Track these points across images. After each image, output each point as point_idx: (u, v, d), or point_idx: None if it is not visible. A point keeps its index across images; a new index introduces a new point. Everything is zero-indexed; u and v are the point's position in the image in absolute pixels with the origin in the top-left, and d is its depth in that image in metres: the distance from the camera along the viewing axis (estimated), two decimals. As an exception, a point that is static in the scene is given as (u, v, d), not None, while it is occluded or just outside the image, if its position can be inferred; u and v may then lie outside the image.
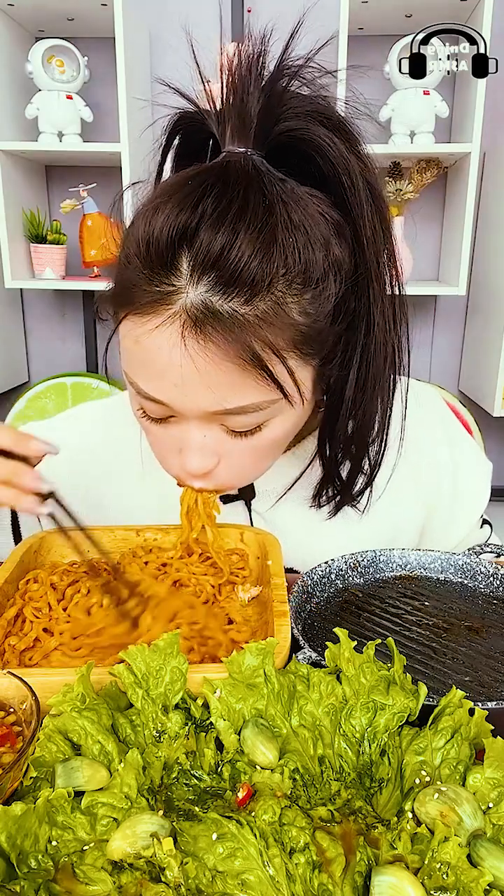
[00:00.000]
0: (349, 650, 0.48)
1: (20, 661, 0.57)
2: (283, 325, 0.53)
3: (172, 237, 0.50)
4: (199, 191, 0.51)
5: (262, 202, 0.51)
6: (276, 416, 0.58)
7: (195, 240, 0.50)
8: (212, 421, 0.57)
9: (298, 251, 0.52)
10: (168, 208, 0.51)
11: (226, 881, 0.36)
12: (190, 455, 0.59)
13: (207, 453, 0.59)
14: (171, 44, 2.02)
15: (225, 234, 0.49)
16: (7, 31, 1.91)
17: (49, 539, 0.71)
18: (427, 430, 0.81)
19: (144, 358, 0.55)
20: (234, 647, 0.57)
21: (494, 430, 2.23)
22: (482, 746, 0.42)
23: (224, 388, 0.54)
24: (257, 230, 0.50)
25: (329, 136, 0.55)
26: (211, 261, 0.50)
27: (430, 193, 2.08)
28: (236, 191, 0.51)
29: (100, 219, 2.01)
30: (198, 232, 0.50)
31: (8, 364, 2.22)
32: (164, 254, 0.51)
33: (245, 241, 0.49)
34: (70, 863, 0.38)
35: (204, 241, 0.50)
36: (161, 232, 0.51)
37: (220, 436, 0.59)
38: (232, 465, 0.61)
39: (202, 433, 0.58)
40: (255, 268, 0.50)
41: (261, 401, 0.55)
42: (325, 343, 0.58)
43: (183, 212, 0.50)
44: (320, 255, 0.54)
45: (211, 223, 0.50)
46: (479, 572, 0.70)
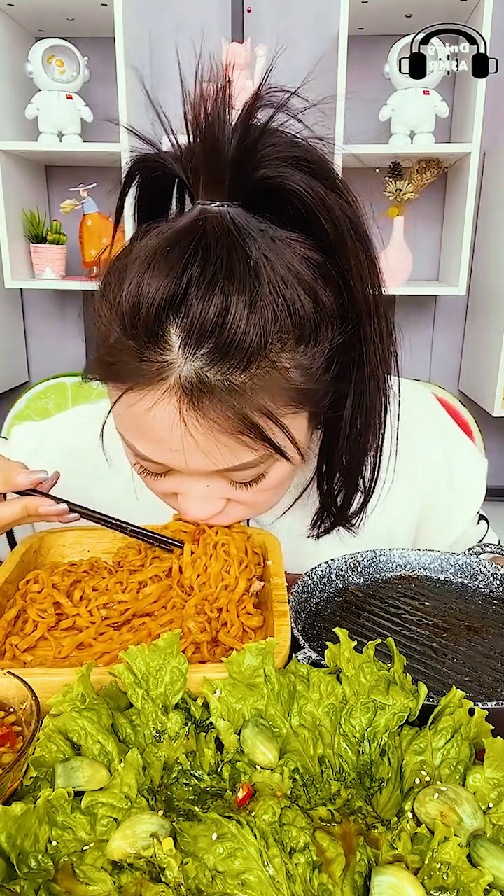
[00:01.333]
0: (349, 650, 0.48)
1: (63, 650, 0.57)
2: (278, 387, 0.52)
3: (159, 307, 0.48)
4: (182, 258, 0.48)
5: (247, 264, 0.49)
6: (279, 462, 0.58)
7: (184, 309, 0.48)
8: (213, 475, 0.58)
9: (288, 308, 0.51)
10: (151, 277, 0.49)
11: (226, 881, 0.36)
12: (192, 504, 0.60)
13: (211, 500, 0.60)
14: (172, 43, 2.02)
15: (215, 303, 0.47)
16: (7, 31, 1.91)
17: (49, 539, 0.71)
18: (420, 430, 0.81)
19: (142, 427, 0.55)
20: (243, 634, 0.58)
21: (494, 430, 2.23)
22: (482, 746, 0.42)
23: (222, 453, 0.54)
24: (247, 296, 0.48)
25: (306, 180, 0.53)
26: (206, 331, 0.48)
27: (430, 193, 2.08)
28: (220, 255, 0.49)
29: (100, 219, 2.01)
30: (186, 301, 0.48)
31: (8, 364, 2.22)
32: (151, 326, 0.49)
33: (237, 310, 0.48)
34: (70, 863, 0.38)
35: (195, 313, 0.48)
36: (146, 303, 0.49)
37: (224, 486, 0.59)
38: (241, 506, 0.62)
39: (204, 484, 0.59)
40: (250, 334, 0.48)
41: (260, 457, 0.56)
42: (319, 395, 0.57)
43: (168, 281, 0.48)
44: (310, 307, 0.52)
45: (199, 293, 0.48)
46: (479, 572, 0.70)
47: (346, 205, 0.55)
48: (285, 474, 0.61)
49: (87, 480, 0.81)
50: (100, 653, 0.57)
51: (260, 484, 0.59)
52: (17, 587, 0.64)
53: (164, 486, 0.61)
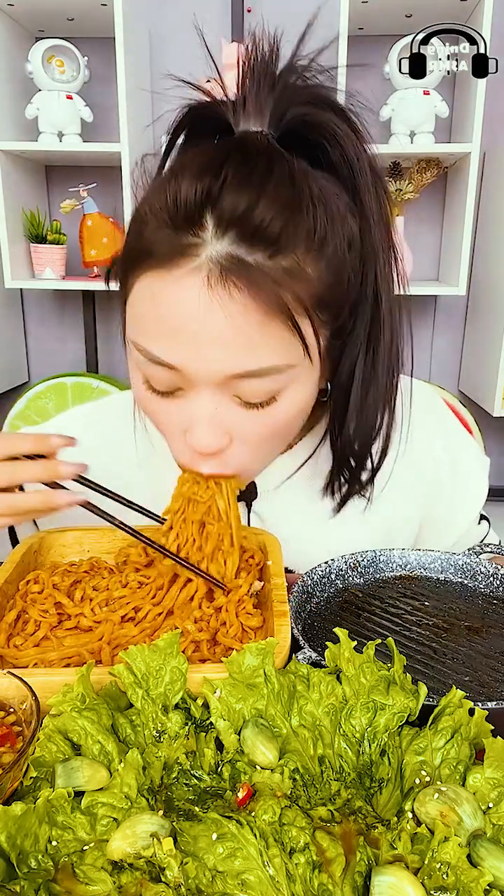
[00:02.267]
0: (349, 650, 0.48)
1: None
2: (304, 284, 0.54)
3: (199, 195, 0.51)
4: (223, 155, 0.53)
5: (285, 170, 0.53)
6: (290, 387, 0.57)
7: (220, 200, 0.51)
8: (224, 390, 0.56)
9: (318, 219, 0.54)
10: (191, 172, 0.52)
11: (226, 881, 0.36)
12: (199, 430, 0.57)
13: (218, 429, 0.57)
14: (172, 43, 2.02)
15: (250, 192, 0.51)
16: (7, 31, 1.91)
17: (49, 539, 0.71)
18: (424, 428, 0.81)
19: (161, 315, 0.54)
20: (243, 634, 0.58)
21: (494, 430, 2.23)
22: (482, 746, 0.42)
23: (245, 343, 0.53)
24: (283, 192, 0.52)
25: (337, 121, 0.58)
26: (237, 216, 0.51)
27: (430, 193, 2.08)
28: (260, 159, 0.53)
29: (100, 219, 2.01)
30: (222, 193, 0.51)
31: (8, 364, 2.22)
32: (189, 210, 0.52)
33: (269, 201, 0.51)
34: (70, 863, 0.38)
35: (229, 199, 0.51)
36: (187, 191, 0.52)
37: (232, 409, 0.57)
38: (245, 445, 0.59)
39: (213, 404, 0.56)
40: (278, 225, 0.51)
41: (278, 363, 0.55)
42: (340, 311, 0.59)
43: (207, 173, 0.51)
44: (338, 226, 0.56)
45: (237, 183, 0.51)
46: (479, 572, 0.70)
47: (369, 157, 0.60)
48: (294, 408, 0.59)
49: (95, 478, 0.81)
50: (107, 639, 0.57)
51: (269, 410, 0.58)
52: (17, 587, 0.64)
53: (169, 412, 0.59)
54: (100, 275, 2.06)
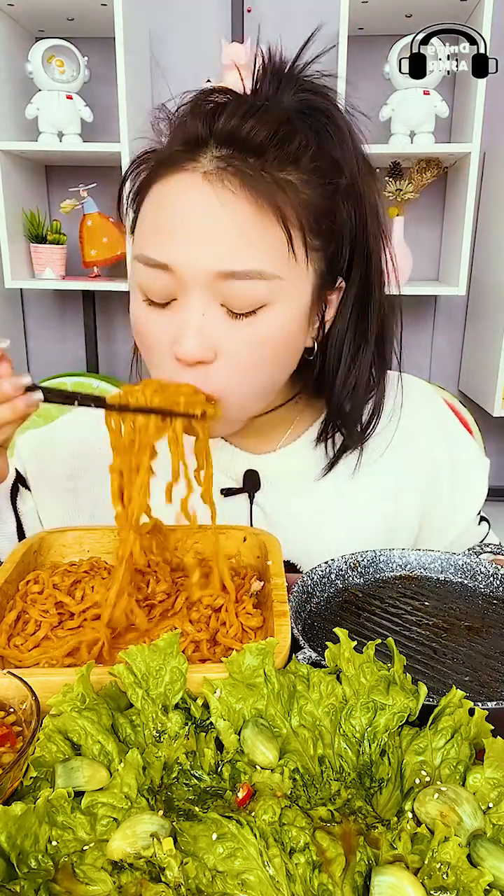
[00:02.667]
0: (349, 650, 0.48)
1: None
2: (296, 198, 0.60)
3: (203, 123, 0.59)
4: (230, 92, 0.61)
5: (278, 108, 0.61)
6: (275, 304, 0.60)
7: (218, 122, 0.59)
8: (212, 296, 0.59)
9: (309, 148, 0.61)
10: (198, 109, 0.61)
11: (226, 881, 0.36)
12: (186, 337, 0.60)
13: (204, 338, 0.60)
14: (172, 43, 2.02)
15: (242, 115, 0.58)
16: (7, 31, 1.91)
17: (49, 539, 0.71)
18: (424, 427, 0.81)
19: (163, 216, 0.60)
20: (243, 634, 0.58)
21: (494, 430, 2.23)
22: (482, 746, 0.42)
23: (236, 240, 0.58)
24: (272, 118, 0.59)
25: (334, 112, 0.65)
26: (228, 131, 0.59)
27: (430, 193, 2.08)
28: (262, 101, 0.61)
29: (100, 219, 2.01)
30: (222, 116, 0.59)
31: (8, 364, 2.22)
32: (194, 136, 0.60)
33: (258, 121, 0.58)
34: (70, 863, 0.38)
35: (224, 121, 0.59)
36: (192, 125, 0.60)
37: (219, 319, 0.60)
38: (229, 364, 0.61)
39: (201, 311, 0.60)
40: (263, 137, 0.58)
41: (265, 269, 0.59)
42: (330, 241, 0.64)
43: (210, 109, 0.60)
44: (328, 165, 0.62)
45: (232, 109, 0.59)
46: (479, 572, 0.70)
47: (361, 151, 0.66)
48: (280, 327, 0.62)
49: (98, 477, 0.81)
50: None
51: (255, 325, 0.60)
52: (17, 587, 0.64)
53: (161, 325, 0.62)
54: (100, 275, 2.06)
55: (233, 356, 0.61)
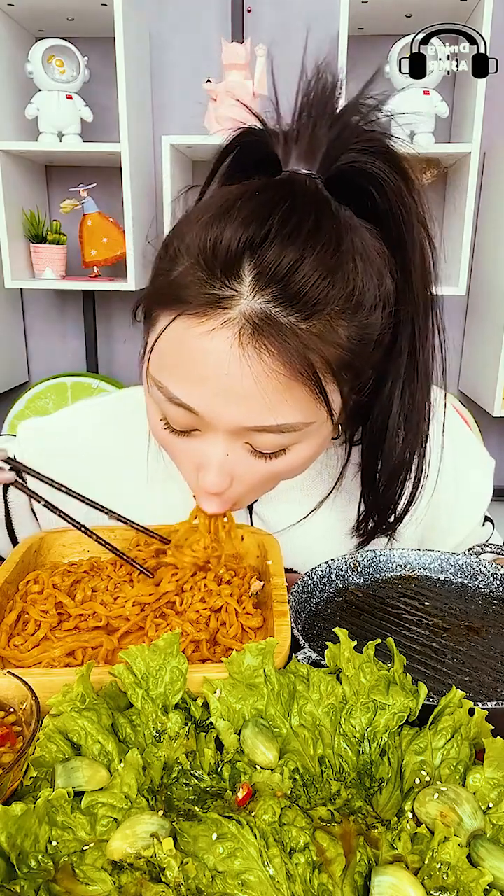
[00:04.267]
0: (349, 650, 0.48)
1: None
2: (333, 347, 0.53)
3: (241, 244, 0.50)
4: (270, 203, 0.51)
5: (332, 226, 0.51)
6: (302, 442, 0.58)
7: (263, 251, 0.49)
8: (238, 438, 0.56)
9: (358, 278, 0.53)
10: (235, 215, 0.50)
11: (226, 881, 0.36)
12: (210, 473, 0.58)
13: (227, 473, 0.58)
14: (172, 43, 2.01)
15: (294, 251, 0.49)
16: (7, 31, 1.91)
17: (49, 539, 0.71)
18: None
19: (189, 361, 0.53)
20: (243, 634, 0.58)
21: (494, 430, 2.23)
22: (482, 746, 0.42)
23: (268, 401, 0.52)
24: (328, 253, 0.50)
25: (391, 172, 0.56)
26: (278, 275, 0.49)
27: (430, 193, 2.08)
28: (308, 211, 0.51)
29: (100, 219, 2.01)
30: (266, 243, 0.49)
31: (8, 364, 2.22)
32: (229, 259, 0.50)
33: (313, 263, 0.50)
34: (70, 863, 0.38)
35: (272, 255, 0.49)
36: (229, 238, 0.50)
37: (242, 456, 0.58)
38: (244, 486, 0.61)
39: (226, 451, 0.57)
40: (319, 290, 0.50)
41: (298, 422, 0.55)
42: (363, 372, 0.58)
43: (252, 221, 0.50)
44: (375, 284, 0.55)
45: (282, 238, 0.49)
46: (479, 572, 0.70)
47: (420, 207, 0.59)
48: (306, 456, 0.60)
49: (99, 479, 0.81)
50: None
51: (278, 460, 0.58)
52: (17, 588, 0.64)
53: (183, 451, 0.60)
54: (100, 275, 2.06)
55: (248, 483, 0.60)
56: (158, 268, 0.56)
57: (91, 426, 0.85)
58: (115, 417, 0.86)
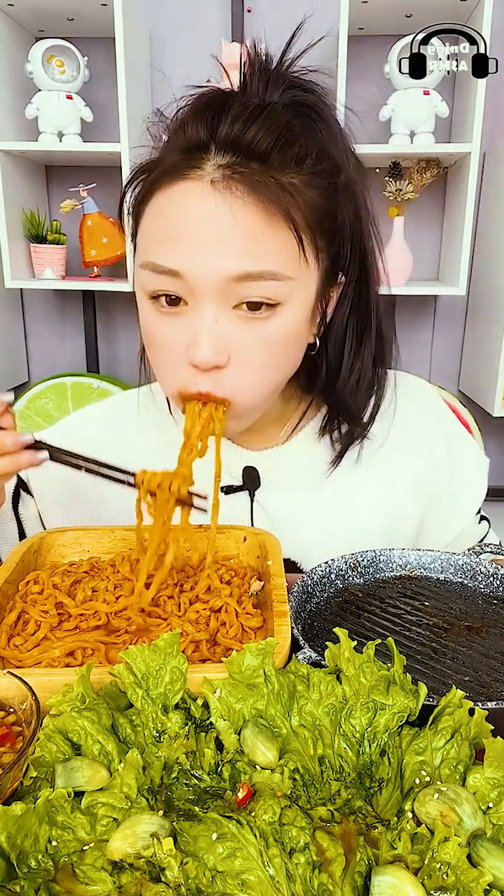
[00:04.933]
0: (349, 650, 0.48)
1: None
2: (301, 200, 0.60)
3: (205, 130, 0.59)
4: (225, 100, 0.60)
5: (278, 111, 0.60)
6: (286, 304, 0.61)
7: (220, 127, 0.58)
8: (225, 300, 0.59)
9: (310, 148, 0.60)
10: (198, 114, 0.60)
11: (226, 881, 0.36)
12: (200, 342, 0.59)
13: (218, 342, 0.60)
14: (172, 43, 2.01)
15: (245, 121, 0.58)
16: (7, 31, 1.91)
17: (49, 539, 0.71)
18: (423, 426, 0.81)
19: (167, 224, 0.59)
20: (243, 634, 0.59)
21: (494, 430, 2.23)
22: (482, 746, 0.42)
23: (248, 244, 0.58)
24: (277, 123, 0.59)
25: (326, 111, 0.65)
26: (231, 139, 0.58)
27: (430, 193, 2.08)
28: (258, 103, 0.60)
29: (100, 219, 2.01)
30: (223, 121, 0.58)
31: (8, 364, 2.22)
32: (195, 142, 0.59)
33: (261, 128, 0.58)
34: (70, 863, 0.38)
35: (228, 128, 0.58)
36: (193, 129, 0.59)
37: (232, 322, 0.60)
38: (243, 366, 0.61)
39: (214, 316, 0.59)
40: (266, 144, 0.58)
41: (277, 270, 0.59)
42: (334, 239, 0.64)
43: (210, 113, 0.59)
44: (326, 161, 0.62)
45: (235, 115, 0.58)
46: (479, 572, 0.70)
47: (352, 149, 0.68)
48: (291, 325, 0.62)
49: (100, 481, 0.81)
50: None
51: (267, 326, 0.61)
52: (17, 588, 0.64)
53: (173, 331, 0.62)
54: (100, 274, 2.06)
55: (246, 358, 0.61)
56: (135, 174, 0.65)
57: (95, 424, 0.85)
58: (112, 417, 0.86)
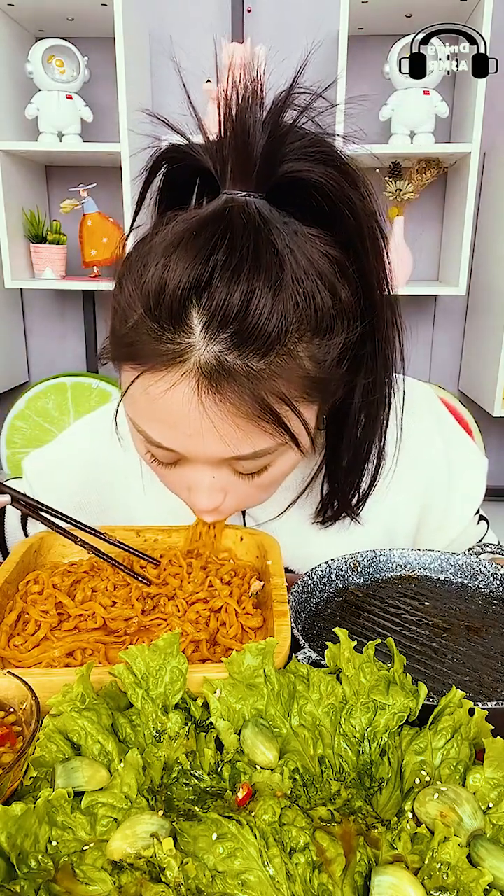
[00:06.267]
0: (349, 650, 0.48)
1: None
2: (294, 375, 0.53)
3: (184, 292, 0.49)
4: (209, 244, 0.49)
5: (273, 253, 0.50)
6: (282, 455, 0.59)
7: (207, 294, 0.49)
8: (221, 464, 0.58)
9: (308, 300, 0.52)
10: (176, 260, 0.49)
11: (226, 881, 0.36)
12: (199, 495, 0.60)
13: (216, 492, 0.60)
14: (172, 43, 2.02)
15: (240, 289, 0.48)
16: (7, 31, 1.91)
17: (49, 539, 0.71)
18: (421, 429, 0.81)
19: (157, 411, 0.54)
20: (243, 634, 0.59)
21: (494, 430, 2.23)
22: (482, 746, 0.42)
23: (237, 439, 0.54)
24: (271, 284, 0.49)
25: (330, 174, 0.54)
26: (226, 319, 0.49)
27: (430, 193, 2.08)
28: (246, 243, 0.49)
29: (100, 219, 2.01)
30: (210, 287, 0.48)
31: (8, 364, 2.22)
32: (174, 310, 0.50)
33: (261, 297, 0.48)
34: (70, 863, 0.38)
35: (219, 298, 0.48)
36: (171, 286, 0.49)
37: (228, 476, 0.60)
38: (238, 499, 0.63)
39: (211, 475, 0.59)
40: (272, 323, 0.49)
41: (270, 447, 0.56)
42: (331, 387, 0.58)
43: (193, 266, 0.48)
44: (328, 300, 0.53)
45: (224, 279, 0.48)
46: (479, 572, 0.70)
47: (366, 201, 0.57)
48: (288, 467, 0.62)
49: (99, 492, 0.82)
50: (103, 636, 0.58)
51: (262, 476, 0.60)
52: (17, 588, 0.64)
53: (172, 477, 0.62)
54: (100, 275, 2.06)
55: (241, 495, 0.62)
56: (115, 312, 0.56)
57: (88, 439, 0.85)
58: (105, 431, 0.86)
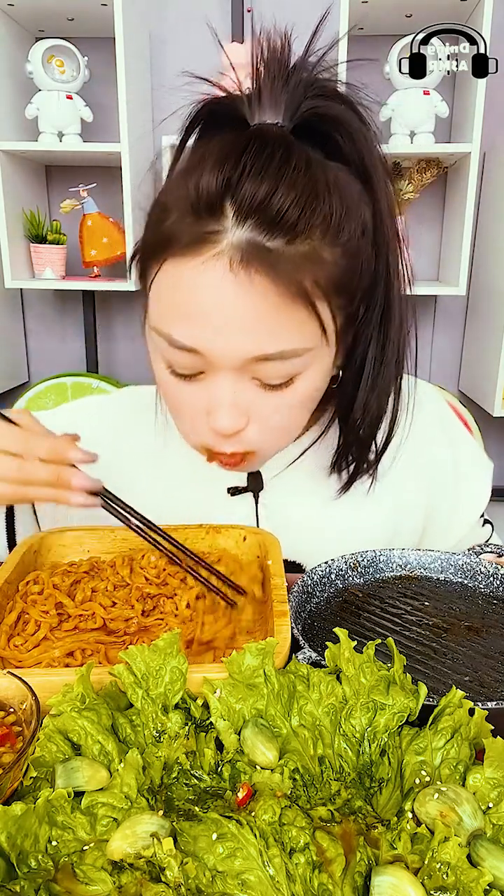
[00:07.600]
0: (349, 650, 0.48)
1: None
2: (322, 269, 0.56)
3: (219, 184, 0.53)
4: (241, 147, 0.54)
5: (301, 159, 0.54)
6: (307, 370, 0.59)
7: (239, 189, 0.53)
8: (244, 373, 0.58)
9: (333, 206, 0.55)
10: (211, 162, 0.54)
11: (226, 881, 0.36)
12: (220, 413, 0.59)
13: (238, 411, 0.59)
14: (172, 43, 2.02)
15: (268, 181, 0.52)
16: (7, 31, 1.91)
17: (49, 539, 0.71)
18: (426, 429, 0.81)
19: (183, 300, 0.55)
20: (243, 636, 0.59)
21: (494, 430, 2.23)
22: (482, 746, 0.42)
23: (266, 328, 0.55)
24: (299, 182, 0.53)
25: (349, 114, 0.60)
26: (256, 205, 0.52)
27: (430, 193, 2.08)
28: (277, 148, 0.54)
29: (100, 219, 2.01)
30: (241, 182, 0.53)
31: (8, 364, 2.22)
32: (210, 199, 0.54)
33: (286, 191, 0.53)
34: (70, 863, 0.38)
35: (248, 188, 0.52)
36: (207, 181, 0.53)
37: (251, 392, 0.59)
38: (262, 425, 0.61)
39: (233, 387, 0.58)
40: (295, 215, 0.53)
41: (297, 347, 0.57)
42: (354, 296, 0.60)
43: (226, 165, 0.53)
44: (352, 214, 0.57)
45: (254, 174, 0.53)
46: (479, 572, 0.70)
47: (378, 146, 0.62)
48: (312, 388, 0.61)
49: (102, 471, 0.81)
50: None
51: (287, 391, 0.59)
52: (17, 588, 0.64)
53: (192, 397, 0.61)
54: (100, 275, 2.06)
55: (265, 420, 0.61)
56: (147, 225, 0.59)
57: (96, 416, 0.85)
58: (115, 411, 0.86)
